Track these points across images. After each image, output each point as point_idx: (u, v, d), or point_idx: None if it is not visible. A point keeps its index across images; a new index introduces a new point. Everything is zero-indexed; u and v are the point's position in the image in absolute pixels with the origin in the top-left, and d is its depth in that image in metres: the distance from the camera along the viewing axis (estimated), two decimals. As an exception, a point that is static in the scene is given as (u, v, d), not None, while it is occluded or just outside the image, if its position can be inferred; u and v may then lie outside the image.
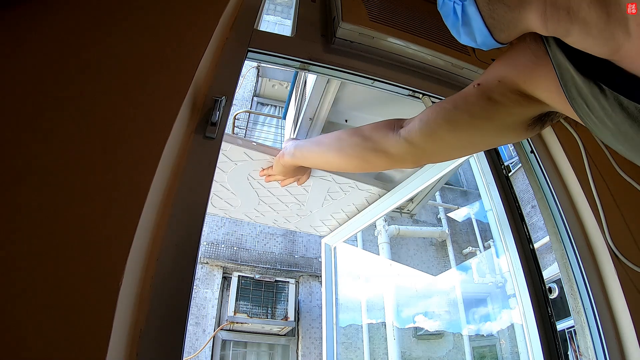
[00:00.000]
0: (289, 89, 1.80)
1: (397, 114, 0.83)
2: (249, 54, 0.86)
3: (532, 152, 1.00)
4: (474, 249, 5.22)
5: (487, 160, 1.02)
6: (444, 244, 5.36)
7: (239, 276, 4.05)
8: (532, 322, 0.81)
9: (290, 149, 0.99)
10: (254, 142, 1.08)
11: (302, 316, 4.29)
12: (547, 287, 0.85)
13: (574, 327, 0.82)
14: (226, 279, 4.19)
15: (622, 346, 0.76)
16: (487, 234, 5.30)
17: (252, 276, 4.12)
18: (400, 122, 0.72)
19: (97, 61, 0.60)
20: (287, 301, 4.07)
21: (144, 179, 0.50)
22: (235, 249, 4.35)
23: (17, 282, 0.40)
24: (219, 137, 0.68)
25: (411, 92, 1.01)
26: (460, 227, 5.57)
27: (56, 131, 0.51)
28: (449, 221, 5.50)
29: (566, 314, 1.04)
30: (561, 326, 3.05)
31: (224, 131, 0.70)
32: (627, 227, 0.85)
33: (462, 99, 0.62)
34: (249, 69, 5.82)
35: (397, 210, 1.60)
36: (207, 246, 4.23)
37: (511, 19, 0.47)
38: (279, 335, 4.16)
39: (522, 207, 0.95)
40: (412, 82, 1.00)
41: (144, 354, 0.46)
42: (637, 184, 0.87)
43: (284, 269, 4.45)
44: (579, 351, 0.81)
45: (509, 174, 1.02)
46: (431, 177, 1.25)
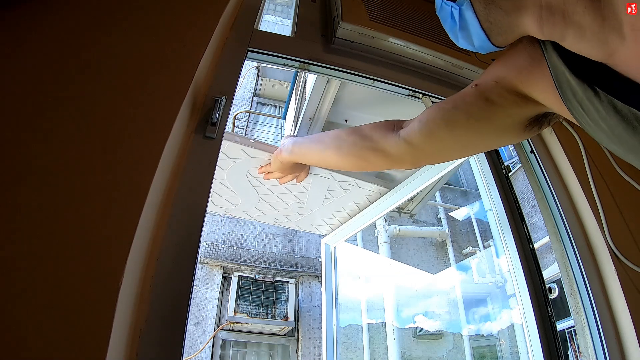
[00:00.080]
0: (289, 89, 1.80)
1: (397, 114, 0.83)
2: (249, 54, 0.86)
3: (532, 152, 1.00)
4: (474, 249, 5.22)
5: (487, 160, 1.02)
6: (444, 244, 5.36)
7: (239, 276, 4.05)
8: (532, 322, 0.81)
9: (288, 146, 0.98)
10: (251, 140, 1.08)
11: (302, 316, 4.29)
12: (547, 287, 0.85)
13: (574, 327, 0.82)
14: (226, 279, 4.19)
15: (622, 346, 0.76)
16: (487, 234, 5.30)
17: (252, 276, 4.12)
18: (400, 123, 0.72)
19: (97, 61, 0.60)
20: (287, 301, 4.07)
21: (144, 179, 0.50)
22: (235, 249, 4.35)
23: (17, 282, 0.40)
24: (219, 137, 0.68)
25: (411, 92, 1.01)
26: (460, 227, 5.57)
27: (56, 131, 0.51)
28: (449, 221, 5.50)
29: (566, 314, 1.04)
30: (561, 326, 3.05)
31: (224, 131, 0.70)
32: (627, 227, 0.85)
33: (460, 99, 0.62)
34: (249, 69, 5.82)
35: (397, 210, 1.60)
36: (207, 246, 4.23)
37: (508, 23, 0.48)
38: (279, 335, 4.16)
39: (522, 207, 0.95)
40: (412, 82, 1.00)
41: (144, 354, 0.46)
42: (637, 184, 0.87)
43: (284, 269, 4.45)
44: (579, 351, 0.81)
45: (509, 174, 1.02)
46: (431, 177, 1.26)
